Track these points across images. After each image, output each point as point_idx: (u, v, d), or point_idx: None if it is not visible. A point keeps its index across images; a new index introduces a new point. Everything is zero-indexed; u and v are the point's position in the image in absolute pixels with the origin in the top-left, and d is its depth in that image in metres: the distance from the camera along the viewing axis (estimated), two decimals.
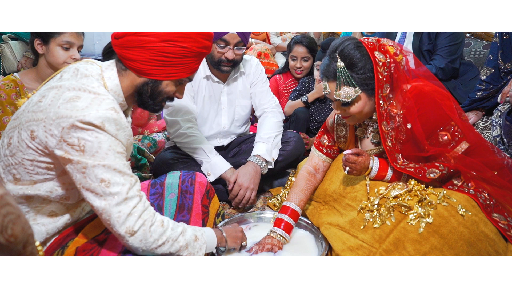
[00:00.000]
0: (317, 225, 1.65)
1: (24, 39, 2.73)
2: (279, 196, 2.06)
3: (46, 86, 1.19)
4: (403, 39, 2.77)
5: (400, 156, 1.48)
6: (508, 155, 1.90)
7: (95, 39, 2.76)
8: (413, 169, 1.44)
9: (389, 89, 1.44)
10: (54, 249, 1.22)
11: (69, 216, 1.26)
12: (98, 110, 1.08)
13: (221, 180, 2.03)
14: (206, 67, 2.14)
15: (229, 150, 2.30)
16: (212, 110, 2.21)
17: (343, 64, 1.39)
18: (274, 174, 2.23)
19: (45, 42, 1.88)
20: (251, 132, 2.50)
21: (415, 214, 1.39)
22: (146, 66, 1.20)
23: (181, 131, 2.05)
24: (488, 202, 1.43)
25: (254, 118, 2.68)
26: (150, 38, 1.17)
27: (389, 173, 1.51)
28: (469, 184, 1.47)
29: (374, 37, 1.49)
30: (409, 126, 1.44)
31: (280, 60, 4.21)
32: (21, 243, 0.55)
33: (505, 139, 2.09)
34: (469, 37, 3.02)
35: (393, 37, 2.79)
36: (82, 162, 1.07)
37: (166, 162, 2.04)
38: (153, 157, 2.33)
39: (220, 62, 2.05)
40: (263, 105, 2.28)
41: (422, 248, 1.34)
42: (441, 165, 1.44)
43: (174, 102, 2.00)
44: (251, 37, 4.35)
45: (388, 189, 1.48)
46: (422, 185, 1.45)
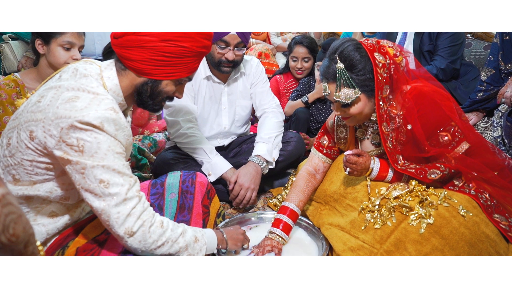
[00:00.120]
0: (318, 226, 1.65)
1: (24, 39, 2.73)
2: (280, 196, 2.06)
3: (45, 86, 1.18)
4: (403, 39, 2.77)
5: (401, 157, 1.48)
6: (509, 155, 1.89)
7: (96, 39, 2.76)
8: (414, 170, 1.44)
9: (389, 90, 1.44)
10: (55, 249, 1.22)
11: (69, 216, 1.26)
12: (97, 110, 1.07)
13: (221, 180, 2.03)
14: (206, 68, 2.14)
15: (230, 150, 2.30)
16: (213, 111, 2.21)
17: (343, 66, 1.39)
18: (274, 174, 2.23)
19: (46, 42, 1.88)
20: (252, 132, 2.49)
21: (416, 215, 1.39)
22: (146, 65, 1.19)
23: (182, 131, 2.05)
24: (489, 203, 1.43)
25: (254, 118, 2.68)
26: (150, 38, 1.16)
27: (390, 174, 1.51)
28: (470, 185, 1.47)
29: (374, 38, 1.49)
30: (409, 127, 1.44)
31: (281, 60, 4.21)
32: (23, 243, 0.55)
33: (506, 140, 2.08)
34: (469, 38, 3.01)
35: (393, 38, 2.78)
36: (81, 163, 1.07)
37: (167, 162, 2.04)
38: (154, 157, 2.33)
39: (221, 63, 2.05)
40: (264, 105, 2.28)
41: (423, 248, 1.34)
42: (442, 166, 1.44)
43: (175, 102, 2.01)
44: (251, 37, 4.35)
45: (389, 189, 1.48)
46: (423, 186, 1.45)
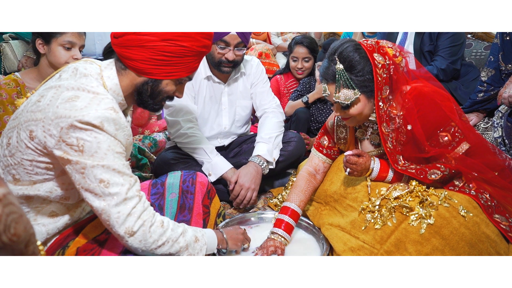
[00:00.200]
0: (318, 226, 1.65)
1: (24, 38, 2.72)
2: (280, 196, 2.06)
3: (45, 85, 1.18)
4: (404, 39, 2.76)
5: (401, 158, 1.48)
6: (509, 156, 1.89)
7: (96, 39, 2.75)
8: (414, 170, 1.44)
9: (388, 90, 1.44)
10: (55, 249, 1.22)
11: (70, 216, 1.26)
12: (97, 110, 1.07)
13: (222, 180, 2.03)
14: (206, 68, 2.14)
15: (230, 150, 2.30)
16: (213, 111, 2.21)
17: (342, 67, 1.39)
18: (275, 174, 2.23)
19: (47, 42, 1.87)
20: (252, 132, 2.49)
21: (417, 215, 1.39)
22: (146, 65, 1.19)
23: (182, 131, 2.05)
24: (489, 203, 1.43)
25: (254, 118, 2.68)
26: (150, 37, 1.16)
27: (390, 174, 1.51)
28: (471, 185, 1.47)
29: (375, 38, 1.49)
30: (409, 127, 1.44)
31: (281, 60, 4.21)
32: (23, 243, 0.55)
33: (506, 140, 2.08)
34: (470, 38, 3.00)
35: (394, 38, 2.78)
36: (81, 163, 1.07)
37: (167, 162, 2.04)
38: (154, 157, 2.33)
39: (221, 63, 2.05)
40: (264, 105, 2.28)
41: (423, 249, 1.34)
42: (442, 166, 1.44)
43: (175, 102, 2.01)
44: (252, 37, 4.35)
45: (389, 190, 1.48)
46: (423, 186, 1.45)
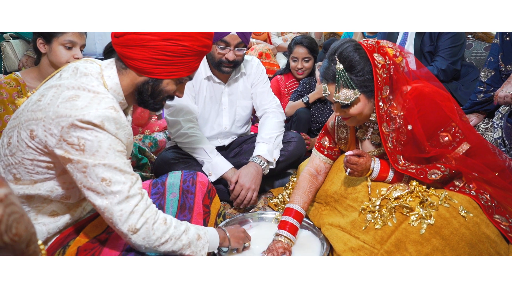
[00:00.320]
0: (318, 226, 1.65)
1: (25, 37, 2.72)
2: (281, 196, 2.06)
3: (45, 85, 1.18)
4: (404, 40, 2.76)
5: (402, 158, 1.48)
6: (509, 156, 1.89)
7: (96, 39, 2.75)
8: (414, 171, 1.44)
9: (388, 90, 1.44)
10: (55, 248, 1.22)
11: (70, 215, 1.26)
12: (97, 109, 1.07)
13: (222, 180, 2.03)
14: (207, 68, 2.14)
15: (230, 150, 2.30)
16: (213, 111, 2.21)
17: (342, 67, 1.39)
18: (275, 174, 2.23)
19: (48, 41, 1.88)
20: (252, 132, 2.49)
21: (417, 215, 1.39)
22: (147, 65, 1.19)
23: (182, 131, 2.05)
24: (489, 204, 1.43)
25: (255, 118, 2.68)
26: (151, 37, 1.16)
27: (391, 174, 1.51)
28: (471, 186, 1.47)
29: (375, 38, 1.49)
30: (409, 127, 1.44)
31: (282, 60, 4.21)
32: (25, 242, 0.55)
33: (506, 141, 2.08)
34: (470, 39, 3.00)
35: (394, 38, 2.78)
36: (82, 162, 1.07)
37: (167, 161, 2.04)
38: (154, 156, 2.33)
39: (221, 63, 2.05)
40: (264, 105, 2.28)
41: (423, 249, 1.34)
42: (443, 166, 1.44)
43: (175, 102, 2.02)
44: (252, 37, 4.35)
45: (390, 190, 1.48)
46: (424, 186, 1.45)
